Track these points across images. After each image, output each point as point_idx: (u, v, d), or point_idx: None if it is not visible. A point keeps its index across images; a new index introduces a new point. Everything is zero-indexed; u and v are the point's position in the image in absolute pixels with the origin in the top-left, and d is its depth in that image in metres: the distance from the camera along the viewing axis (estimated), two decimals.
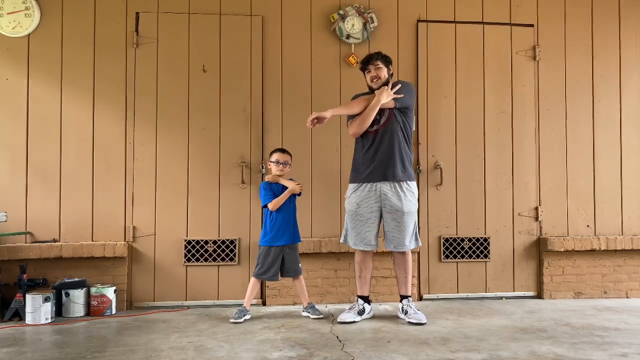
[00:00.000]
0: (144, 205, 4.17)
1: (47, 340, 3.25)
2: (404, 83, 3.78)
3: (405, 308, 3.68)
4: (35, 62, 4.13)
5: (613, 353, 2.91)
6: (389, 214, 3.63)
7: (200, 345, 3.09)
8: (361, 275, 3.77)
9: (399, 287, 3.79)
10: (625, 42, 4.69)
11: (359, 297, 3.76)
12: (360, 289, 3.78)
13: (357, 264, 3.79)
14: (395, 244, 3.66)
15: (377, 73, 3.70)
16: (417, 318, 3.58)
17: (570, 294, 4.49)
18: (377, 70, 3.70)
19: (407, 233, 3.65)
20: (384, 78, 3.70)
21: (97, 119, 4.17)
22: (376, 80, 3.70)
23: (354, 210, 3.69)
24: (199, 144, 4.24)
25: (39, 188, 4.09)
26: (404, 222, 3.62)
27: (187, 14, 4.27)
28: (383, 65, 3.70)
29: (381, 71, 3.69)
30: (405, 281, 3.74)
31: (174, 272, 4.18)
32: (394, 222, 3.62)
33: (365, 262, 3.76)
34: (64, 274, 3.99)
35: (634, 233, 4.61)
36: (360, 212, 3.66)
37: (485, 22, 4.54)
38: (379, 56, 3.73)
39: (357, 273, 3.79)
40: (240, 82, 4.29)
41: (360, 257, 3.77)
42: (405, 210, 3.61)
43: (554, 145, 4.57)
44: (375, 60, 3.71)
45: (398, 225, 3.62)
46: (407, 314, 3.64)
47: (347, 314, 3.65)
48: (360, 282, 3.78)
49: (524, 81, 4.56)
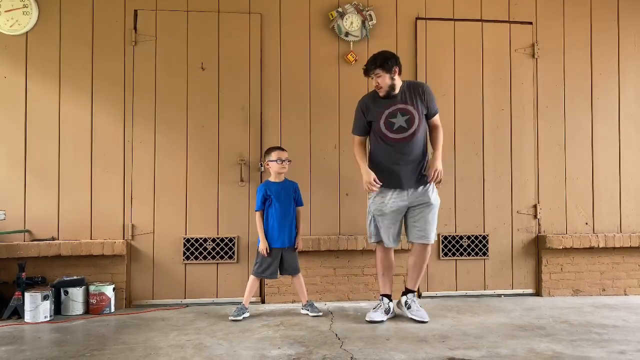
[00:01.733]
0: (143, 203, 4.17)
1: (46, 338, 3.25)
2: (424, 88, 3.68)
3: (409, 303, 3.66)
4: (33, 60, 4.12)
5: (611, 350, 2.92)
6: (416, 207, 3.61)
7: (199, 343, 3.10)
8: (384, 274, 3.73)
9: (408, 280, 3.76)
10: (624, 40, 4.69)
11: (383, 296, 3.71)
12: (383, 288, 3.73)
13: (379, 262, 3.73)
14: (420, 236, 3.64)
15: (378, 82, 3.59)
16: (420, 315, 3.59)
17: (568, 291, 4.50)
18: (378, 79, 3.58)
19: (433, 226, 3.65)
20: (386, 86, 3.58)
21: (95, 116, 4.16)
22: (379, 89, 3.62)
23: (380, 209, 3.63)
24: (198, 142, 4.24)
25: (38, 186, 4.08)
26: (430, 214, 3.62)
27: (185, 12, 4.26)
28: (383, 73, 3.55)
29: (382, 79, 3.56)
30: (418, 276, 3.73)
31: (173, 270, 4.18)
32: (421, 214, 3.61)
33: (387, 260, 3.73)
34: (62, 272, 3.99)
35: (633, 230, 4.62)
36: (387, 211, 3.61)
37: (484, 19, 4.54)
38: (377, 64, 3.55)
39: (380, 272, 3.73)
40: (238, 80, 4.28)
41: (382, 255, 3.72)
42: (432, 203, 3.61)
43: (552, 142, 4.58)
44: (374, 70, 3.58)
45: (424, 218, 3.61)
46: (410, 309, 3.64)
47: (375, 313, 3.62)
48: (383, 280, 3.73)
49: (523, 79, 4.56)
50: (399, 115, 3.60)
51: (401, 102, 3.62)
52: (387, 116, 3.61)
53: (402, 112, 3.61)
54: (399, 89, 3.64)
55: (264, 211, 3.81)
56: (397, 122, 3.60)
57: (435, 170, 3.57)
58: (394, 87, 3.61)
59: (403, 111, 3.61)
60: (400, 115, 3.60)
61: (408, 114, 3.60)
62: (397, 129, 3.60)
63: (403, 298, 3.73)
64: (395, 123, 3.60)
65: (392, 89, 3.60)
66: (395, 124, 3.60)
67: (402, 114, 3.60)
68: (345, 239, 4.23)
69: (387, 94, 3.62)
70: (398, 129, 3.60)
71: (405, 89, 3.65)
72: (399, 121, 3.60)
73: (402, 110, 3.61)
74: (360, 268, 4.31)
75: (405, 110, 3.61)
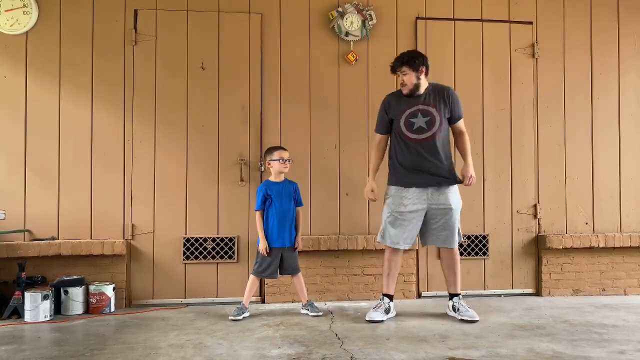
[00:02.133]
0: (143, 203, 4.16)
1: (46, 338, 3.25)
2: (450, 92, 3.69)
3: (457, 306, 3.67)
4: (33, 60, 4.11)
5: (611, 350, 2.92)
6: (437, 212, 3.62)
7: (199, 342, 3.09)
8: (390, 274, 3.73)
9: (448, 286, 3.77)
10: (624, 40, 4.69)
11: (384, 295, 3.72)
12: (387, 287, 3.73)
13: (387, 261, 3.73)
14: (442, 241, 3.66)
15: (403, 80, 3.63)
16: (470, 315, 3.59)
17: (568, 291, 4.50)
18: (403, 76, 3.62)
19: (455, 229, 3.66)
20: (411, 84, 3.61)
21: (95, 116, 4.16)
22: (404, 87, 3.65)
23: (398, 210, 3.63)
24: (198, 142, 4.24)
25: (38, 186, 4.08)
26: (452, 218, 3.63)
27: (185, 12, 4.26)
28: (410, 71, 3.59)
29: (408, 77, 3.60)
30: (455, 279, 3.74)
31: (173, 270, 4.18)
32: (442, 220, 3.62)
33: (395, 261, 3.73)
34: (62, 272, 3.99)
35: (633, 230, 4.62)
36: (405, 212, 3.62)
37: (484, 19, 4.54)
38: (405, 59, 3.61)
39: (386, 271, 3.73)
40: (239, 80, 4.28)
41: (391, 255, 3.71)
42: (453, 207, 3.62)
43: (552, 142, 4.58)
44: (400, 67, 3.62)
45: (446, 222, 3.62)
46: (459, 311, 3.64)
47: (375, 313, 3.62)
48: (388, 280, 3.74)
49: (523, 78, 4.56)
50: (420, 116, 3.62)
51: (424, 103, 3.64)
52: (408, 115, 3.64)
53: (423, 113, 3.62)
54: (424, 89, 3.67)
55: (264, 211, 3.81)
56: (417, 122, 3.62)
57: (471, 177, 3.64)
58: (419, 87, 3.64)
59: (424, 112, 3.62)
60: (422, 115, 3.62)
61: (429, 115, 3.62)
62: (417, 129, 3.61)
63: (450, 303, 3.74)
64: (415, 123, 3.62)
65: (416, 88, 3.63)
66: (415, 124, 3.62)
67: (423, 114, 3.62)
68: (345, 238, 4.23)
69: (411, 92, 3.64)
70: (418, 129, 3.61)
71: (431, 90, 3.68)
72: (419, 121, 3.61)
73: (423, 111, 3.63)
74: (360, 268, 4.31)
75: (427, 112, 3.62)
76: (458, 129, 3.75)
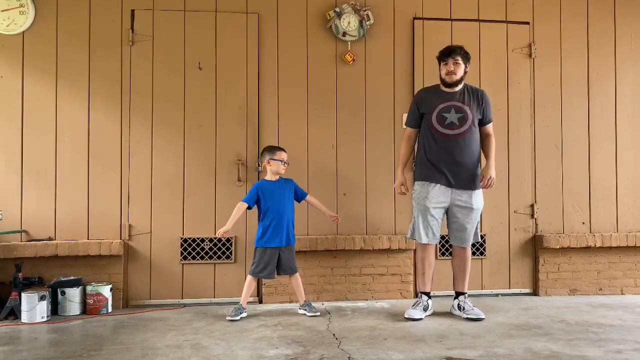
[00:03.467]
0: (140, 203, 4.16)
1: (43, 338, 3.24)
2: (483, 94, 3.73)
3: (462, 305, 3.70)
4: (30, 60, 4.10)
5: (608, 349, 2.93)
6: (458, 209, 3.65)
7: (196, 343, 3.09)
8: (425, 272, 3.75)
9: (456, 284, 3.80)
10: (620, 40, 4.70)
11: (422, 294, 3.74)
12: (423, 286, 3.76)
13: (420, 260, 3.75)
14: (459, 240, 3.70)
15: (454, 68, 3.63)
16: (475, 313, 3.62)
17: (565, 290, 4.51)
18: (456, 65, 3.63)
19: (473, 229, 3.68)
20: (459, 75, 3.64)
21: (92, 116, 4.15)
22: (451, 75, 3.65)
23: (424, 205, 3.65)
24: (195, 142, 4.23)
25: (34, 186, 4.07)
26: (472, 218, 3.66)
27: (182, 12, 4.25)
28: (462, 62, 3.63)
29: (459, 67, 3.63)
30: (464, 278, 3.77)
31: (170, 270, 4.18)
32: (463, 218, 3.65)
33: (429, 259, 3.74)
34: (59, 273, 3.98)
35: (629, 230, 4.63)
36: (430, 207, 3.64)
37: (481, 19, 4.55)
38: (461, 51, 3.64)
39: (420, 270, 3.75)
40: (236, 80, 4.28)
41: (423, 253, 3.73)
42: (475, 207, 3.65)
43: (549, 142, 4.58)
44: (456, 55, 3.63)
45: (466, 221, 3.65)
46: (464, 310, 3.67)
47: (414, 310, 3.64)
48: (424, 279, 3.75)
49: (520, 79, 4.57)
50: (453, 112, 3.65)
51: (459, 100, 3.67)
52: (440, 110, 3.66)
53: (456, 109, 3.65)
54: (461, 87, 3.70)
55: (249, 207, 3.80)
56: (450, 117, 3.64)
57: (490, 178, 3.65)
58: (461, 82, 3.69)
59: (458, 109, 3.65)
60: (455, 111, 3.65)
61: (462, 112, 3.65)
62: (448, 124, 3.64)
63: (455, 302, 3.77)
64: (448, 118, 3.64)
65: (460, 81, 3.68)
66: (448, 119, 3.64)
67: (456, 111, 3.65)
68: (342, 238, 4.23)
69: (454, 83, 3.66)
70: (449, 124, 3.64)
71: (466, 90, 3.72)
72: (451, 117, 3.64)
73: (457, 107, 3.66)
74: (358, 268, 4.31)
75: (460, 109, 3.65)
76: (486, 132, 3.78)
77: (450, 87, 3.69)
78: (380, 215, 4.37)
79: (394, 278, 4.34)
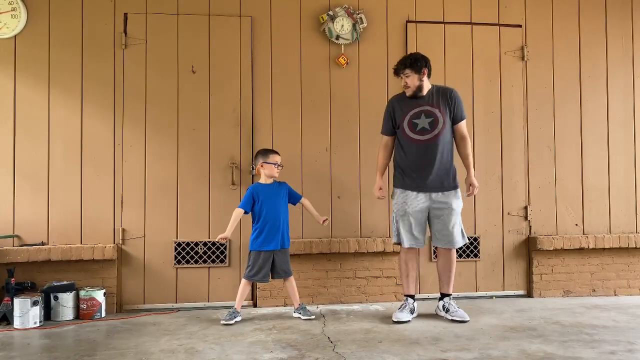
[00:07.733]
0: (134, 207, 4.14)
1: (36, 344, 3.22)
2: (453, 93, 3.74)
3: (447, 306, 3.72)
4: (22, 64, 4.08)
5: (602, 351, 2.94)
6: (438, 211, 3.67)
7: (190, 347, 3.08)
8: (408, 275, 3.78)
9: (442, 285, 3.81)
10: (612, 42, 4.74)
11: (407, 297, 3.77)
12: (407, 289, 3.79)
13: (403, 263, 3.78)
14: (442, 241, 3.71)
15: (407, 82, 3.69)
16: (460, 315, 3.63)
17: (559, 292, 4.53)
18: (407, 79, 3.68)
19: (456, 230, 3.69)
20: (414, 86, 3.67)
21: (85, 120, 4.13)
22: (407, 88, 3.71)
23: (404, 210, 3.70)
24: (189, 146, 4.22)
25: (27, 190, 4.05)
26: (452, 218, 3.67)
27: (175, 15, 4.25)
28: (412, 73, 3.65)
29: (411, 79, 3.66)
30: (448, 279, 3.78)
31: (164, 275, 4.16)
32: (443, 219, 3.67)
33: (412, 262, 3.77)
34: (52, 277, 3.96)
35: (622, 231, 4.65)
36: (410, 212, 3.68)
37: (474, 22, 4.57)
38: (407, 64, 3.66)
39: (404, 273, 3.78)
40: (229, 83, 4.28)
41: (406, 256, 3.76)
42: (454, 207, 3.67)
43: (542, 144, 4.61)
44: (402, 70, 3.68)
45: (447, 222, 3.66)
46: (449, 311, 3.68)
47: (402, 313, 3.66)
48: (408, 281, 3.79)
49: (513, 81, 4.59)
50: (423, 117, 3.67)
51: (427, 104, 3.69)
52: (411, 117, 3.69)
53: (426, 113, 3.68)
54: (427, 91, 3.72)
55: (244, 212, 3.78)
56: (421, 123, 3.67)
57: (473, 187, 3.75)
58: (422, 89, 3.70)
59: (428, 113, 3.68)
60: (425, 116, 3.67)
61: (432, 116, 3.67)
62: (420, 130, 3.66)
63: (440, 303, 3.78)
64: (419, 124, 3.67)
65: (419, 90, 3.69)
66: (419, 125, 3.67)
67: (426, 115, 3.67)
68: (337, 241, 4.23)
69: (414, 94, 3.70)
70: (421, 130, 3.66)
71: (434, 92, 3.73)
72: (422, 122, 3.67)
73: (426, 112, 3.68)
74: (352, 271, 4.31)
75: (430, 113, 3.67)
76: (460, 133, 3.78)
77: (413, 98, 3.72)
78: (374, 218, 4.37)
79: (389, 281, 4.34)
